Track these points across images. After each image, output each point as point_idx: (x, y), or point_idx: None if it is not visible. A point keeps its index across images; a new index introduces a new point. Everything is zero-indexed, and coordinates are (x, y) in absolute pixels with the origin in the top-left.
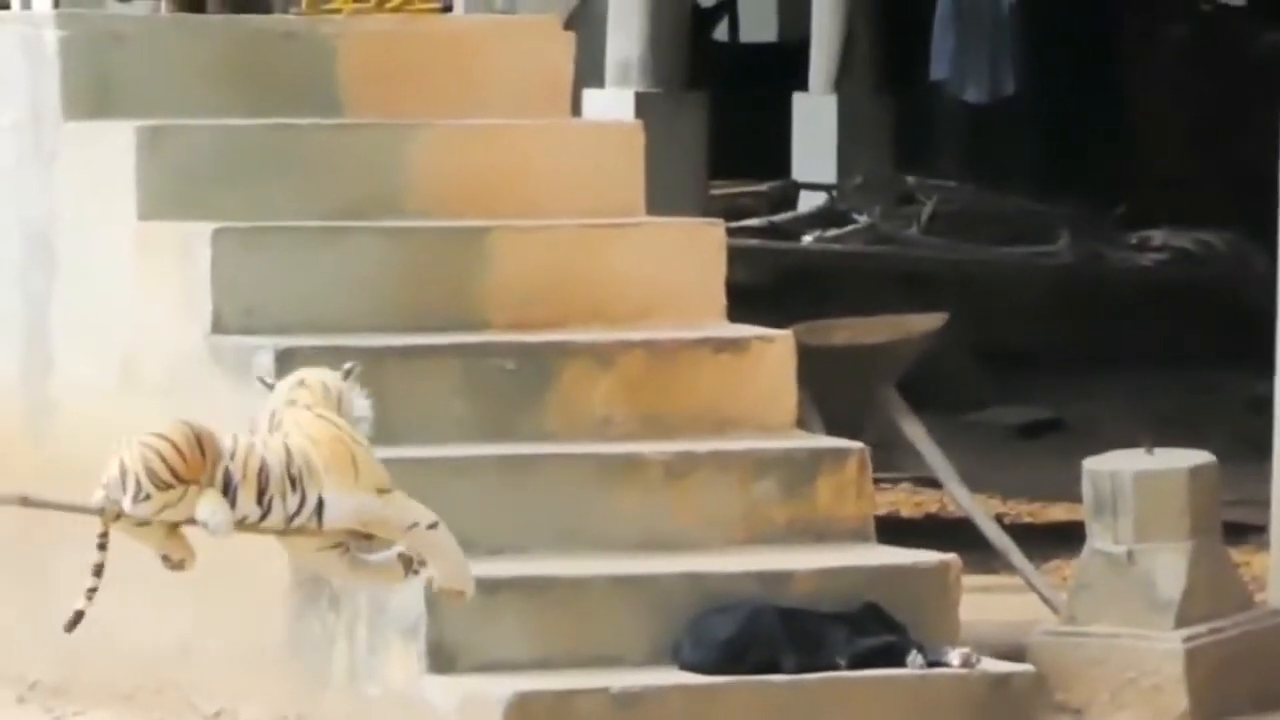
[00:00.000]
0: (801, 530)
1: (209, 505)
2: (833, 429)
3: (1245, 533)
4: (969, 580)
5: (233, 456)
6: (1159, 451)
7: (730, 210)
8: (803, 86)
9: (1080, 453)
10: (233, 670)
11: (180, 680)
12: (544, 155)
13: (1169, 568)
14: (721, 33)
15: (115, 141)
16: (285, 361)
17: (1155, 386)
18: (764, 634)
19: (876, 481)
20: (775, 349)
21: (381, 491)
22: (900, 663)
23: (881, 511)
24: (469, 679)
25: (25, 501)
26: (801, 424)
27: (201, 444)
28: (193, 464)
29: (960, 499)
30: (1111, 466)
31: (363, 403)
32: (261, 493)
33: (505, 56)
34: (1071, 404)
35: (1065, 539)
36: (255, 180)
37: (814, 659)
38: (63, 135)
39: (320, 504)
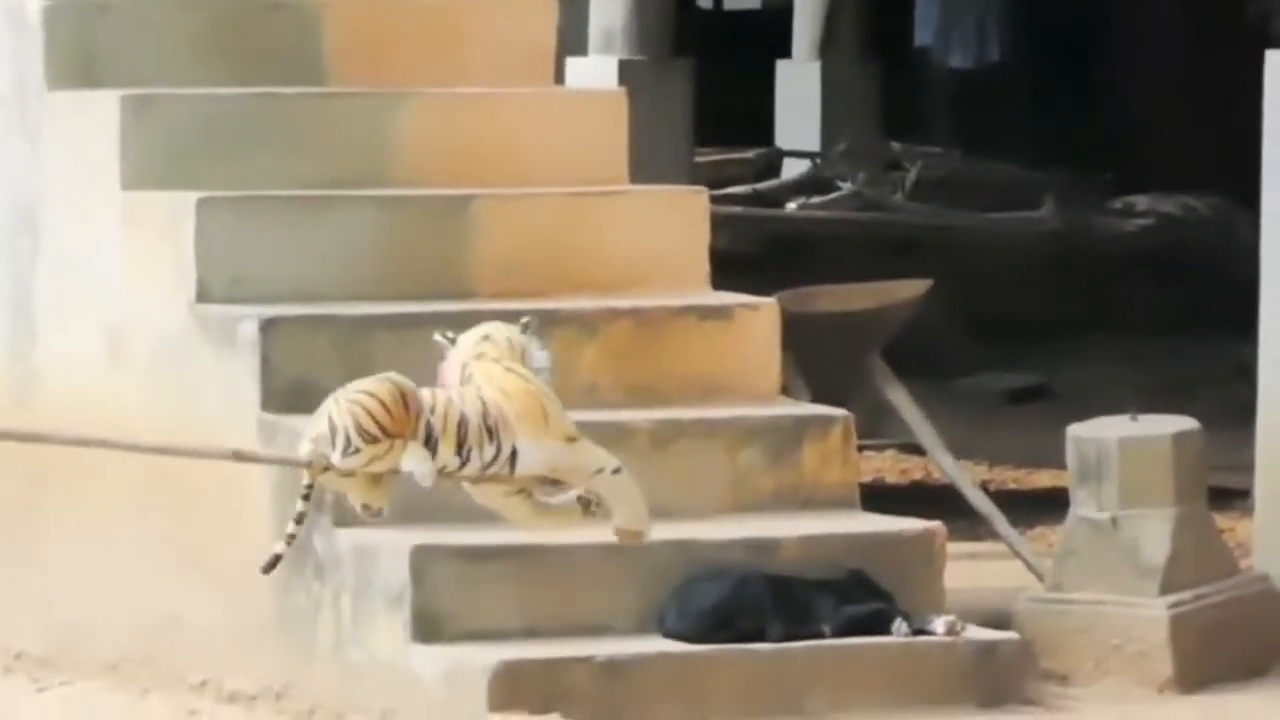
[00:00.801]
0: (787, 498)
1: (414, 457)
2: (818, 396)
3: (1230, 498)
4: (954, 547)
5: (433, 411)
6: (1143, 418)
7: (715, 178)
8: (787, 54)
9: (1067, 418)
10: (219, 641)
11: (166, 651)
12: (529, 124)
13: (1154, 534)
14: (705, 0)
15: (100, 112)
16: (270, 331)
17: (1142, 352)
18: (750, 602)
19: (863, 448)
20: (760, 317)
21: (570, 439)
22: (885, 631)
23: (867, 478)
24: (454, 648)
25: (237, 456)
26: (787, 391)
27: (405, 399)
28: (398, 419)
29: (945, 466)
30: (1096, 433)
31: (541, 354)
32: (461, 443)
33: (490, 25)
34: (1058, 370)
35: (1051, 506)
36: (241, 150)
37: (799, 627)
38: (47, 106)
39: (514, 453)
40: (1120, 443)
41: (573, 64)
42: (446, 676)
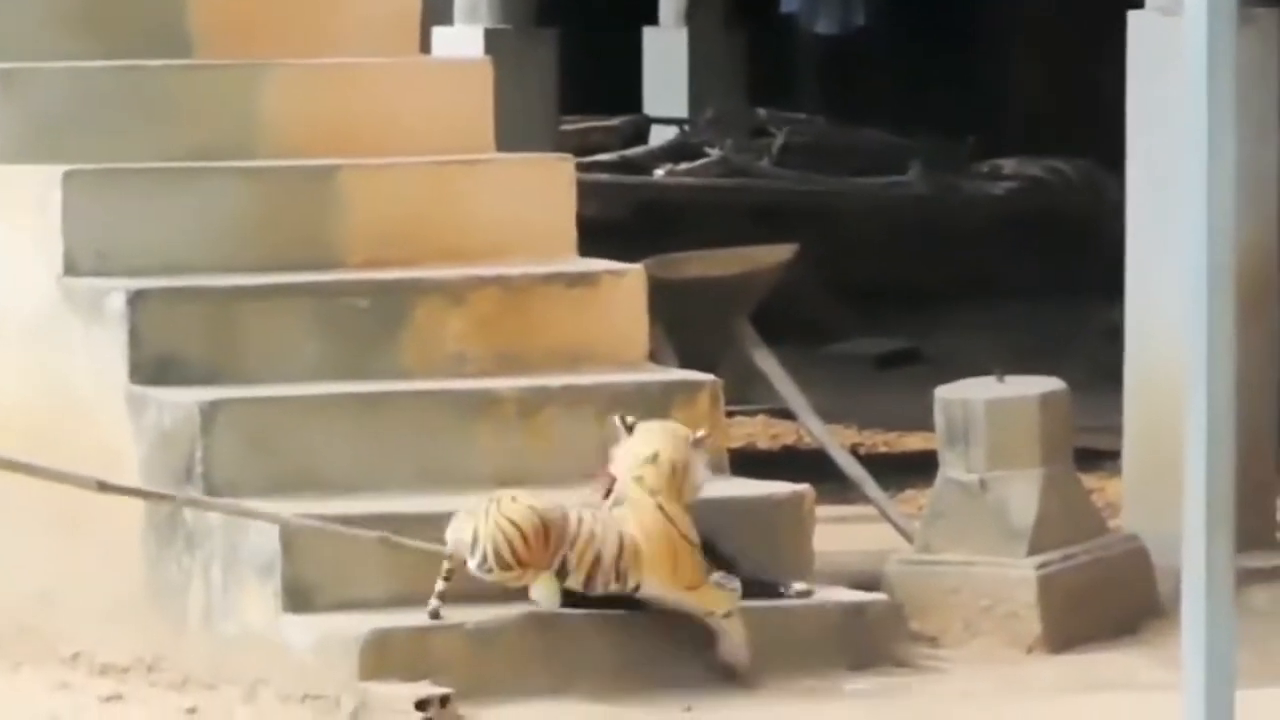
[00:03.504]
0: None
1: (542, 589)
2: (687, 362)
3: (1100, 459)
4: (824, 511)
5: (572, 546)
6: (1010, 379)
7: (582, 146)
8: (653, 21)
9: (936, 383)
10: (91, 614)
11: (39, 625)
12: (394, 93)
13: (1021, 495)
14: None
15: None
16: (138, 303)
17: (1012, 315)
18: None
19: (734, 414)
20: (627, 283)
21: (690, 588)
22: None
23: (739, 444)
24: (325, 618)
25: (385, 540)
26: (655, 358)
27: (548, 534)
28: (536, 553)
29: (814, 430)
30: (963, 395)
31: (704, 472)
32: (589, 579)
33: None
34: (928, 334)
35: (920, 468)
36: (107, 123)
37: None
38: None
39: (636, 587)
40: (987, 404)
41: (438, 33)
42: (317, 646)
